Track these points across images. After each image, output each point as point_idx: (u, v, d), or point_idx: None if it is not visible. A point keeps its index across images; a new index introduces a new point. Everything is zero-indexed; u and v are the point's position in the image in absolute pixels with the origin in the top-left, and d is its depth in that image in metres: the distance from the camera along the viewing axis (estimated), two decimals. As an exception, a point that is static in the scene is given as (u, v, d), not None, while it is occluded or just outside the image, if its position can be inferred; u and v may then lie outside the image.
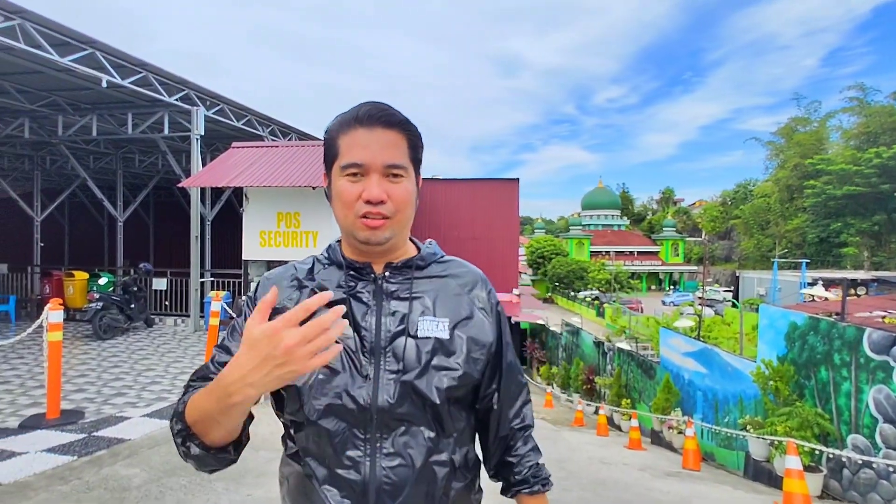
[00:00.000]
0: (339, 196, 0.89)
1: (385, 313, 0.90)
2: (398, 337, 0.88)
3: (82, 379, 5.91)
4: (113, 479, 3.42)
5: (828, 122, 40.58)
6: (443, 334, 0.90)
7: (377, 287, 0.92)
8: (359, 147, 0.87)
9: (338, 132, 0.90)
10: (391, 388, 0.86)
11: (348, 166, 0.87)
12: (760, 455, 6.87)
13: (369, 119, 0.87)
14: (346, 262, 0.94)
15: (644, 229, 63.08)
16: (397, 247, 0.94)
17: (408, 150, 0.90)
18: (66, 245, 18.79)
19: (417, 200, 0.95)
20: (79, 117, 9.73)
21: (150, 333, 9.07)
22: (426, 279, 0.95)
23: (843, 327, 6.05)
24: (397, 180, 0.89)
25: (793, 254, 36.79)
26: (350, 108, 0.91)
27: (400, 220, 0.90)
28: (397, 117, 0.89)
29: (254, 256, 8.47)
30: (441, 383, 0.87)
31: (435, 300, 0.93)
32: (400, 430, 0.86)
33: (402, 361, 0.87)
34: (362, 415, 0.85)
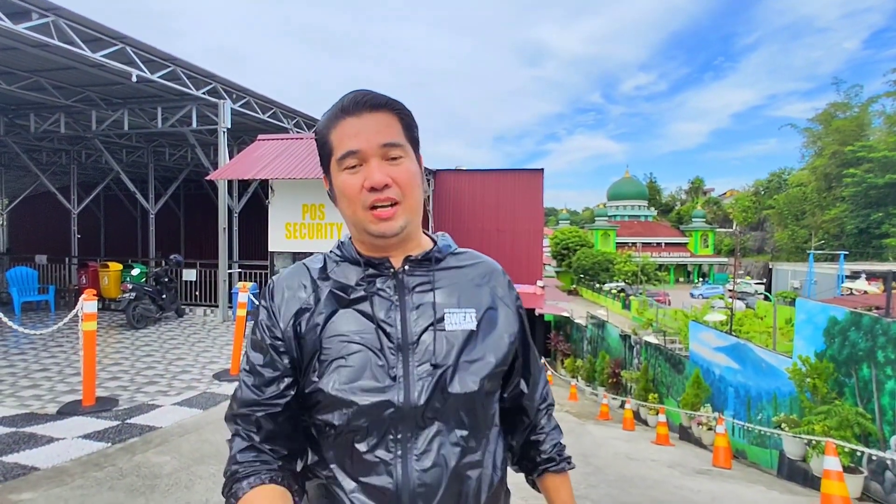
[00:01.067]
0: (341, 192, 0.86)
1: (409, 308, 0.86)
2: (426, 331, 0.85)
3: (116, 367, 6.09)
4: (145, 467, 3.50)
5: (870, 107, 38.74)
6: (471, 325, 0.87)
7: (398, 282, 0.88)
8: (350, 135, 0.84)
9: (327, 129, 0.87)
10: (423, 384, 0.82)
11: (344, 157, 0.84)
12: (796, 454, 6.63)
13: (355, 106, 0.84)
14: (364, 259, 0.89)
15: (672, 220, 61.58)
16: (412, 237, 0.91)
17: (402, 129, 0.87)
18: (102, 237, 19.44)
19: (425, 184, 0.90)
20: (111, 112, 9.97)
21: (180, 323, 9.30)
22: (446, 271, 0.92)
23: (888, 323, 5.76)
24: (398, 162, 0.85)
25: (830, 245, 35.43)
26: (333, 104, 0.88)
27: (410, 205, 0.86)
28: (382, 98, 0.86)
29: (279, 248, 8.57)
30: (475, 376, 0.85)
31: (459, 292, 0.90)
32: (432, 429, 0.82)
33: (433, 356, 0.83)
34: (393, 414, 0.81)
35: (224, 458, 1.59)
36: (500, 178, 16.04)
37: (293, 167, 8.19)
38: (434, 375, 0.82)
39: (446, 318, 0.86)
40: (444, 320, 0.86)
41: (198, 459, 3.72)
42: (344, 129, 0.84)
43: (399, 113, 0.87)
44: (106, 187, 15.76)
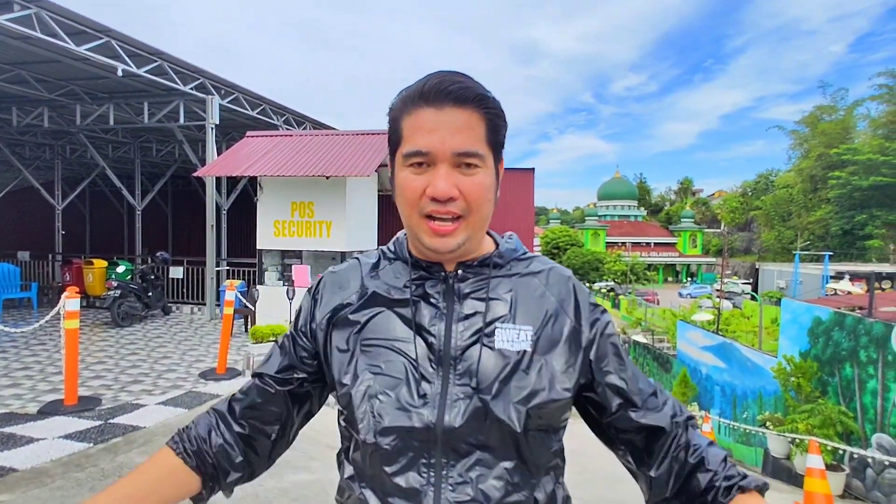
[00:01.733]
0: (401, 190, 0.76)
1: (456, 318, 0.77)
2: (471, 346, 0.75)
3: (100, 366, 6.00)
4: (128, 467, 3.45)
5: (855, 110, 39.45)
6: (525, 345, 0.75)
7: (447, 287, 0.79)
8: (424, 131, 0.72)
9: (400, 112, 0.76)
10: (461, 406, 0.72)
11: (411, 155, 0.74)
12: (780, 452, 6.73)
13: (437, 95, 0.72)
14: (413, 259, 0.81)
15: (661, 220, 62.15)
16: (471, 250, 0.80)
17: (486, 132, 0.74)
18: (87, 233, 19.15)
19: (497, 194, 0.79)
20: (96, 106, 9.81)
21: (166, 321, 9.19)
22: (505, 278, 0.81)
23: (871, 323, 5.86)
24: (471, 171, 0.74)
25: (815, 246, 35.97)
26: (417, 81, 0.75)
27: (475, 222, 0.75)
28: (472, 91, 0.73)
29: (268, 246, 8.49)
30: (521, 406, 0.72)
31: (515, 304, 0.78)
32: (472, 458, 0.72)
33: (475, 377, 0.73)
34: (425, 435, 0.72)
35: None
36: (491, 177, 16.03)
37: (282, 164, 8.11)
38: (473, 398, 0.72)
39: (497, 333, 0.76)
40: (493, 335, 0.76)
41: (182, 459, 3.68)
42: (418, 120, 0.73)
43: (488, 112, 0.74)
44: (91, 183, 15.51)
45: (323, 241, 8.25)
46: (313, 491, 3.46)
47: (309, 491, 3.45)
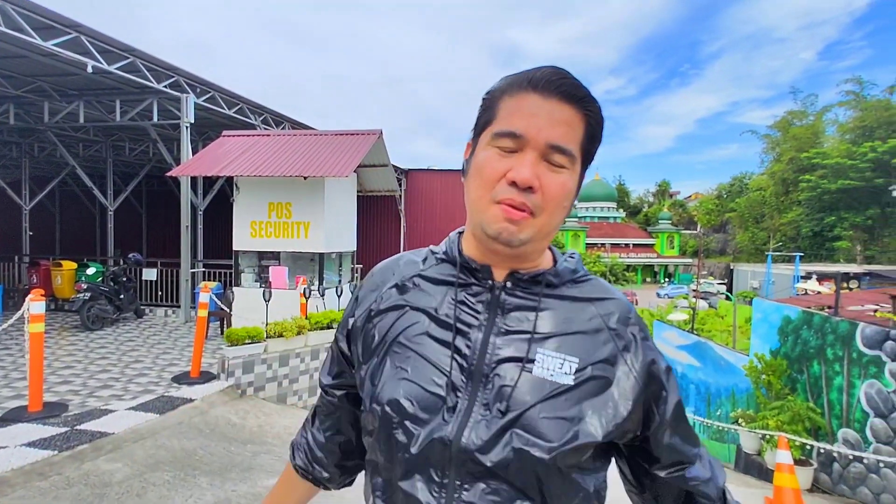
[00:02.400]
0: (479, 170, 0.71)
1: (496, 332, 0.71)
2: (507, 366, 0.69)
3: (68, 371, 5.83)
4: (94, 475, 3.35)
5: (824, 115, 40.64)
6: (567, 379, 0.68)
7: (493, 297, 0.74)
8: (523, 114, 0.68)
9: (502, 93, 0.71)
10: (482, 427, 0.67)
11: (502, 134, 0.69)
12: (751, 448, 6.89)
13: (547, 85, 0.68)
14: (462, 260, 0.76)
15: (640, 222, 63.12)
16: (530, 257, 0.75)
17: (583, 136, 0.71)
18: (57, 234, 18.59)
19: (575, 204, 0.74)
20: (65, 104, 9.53)
21: (139, 324, 8.98)
22: (557, 299, 0.74)
23: (837, 322, 6.04)
24: (558, 170, 0.69)
25: (787, 247, 36.97)
26: (525, 70, 0.72)
27: (545, 223, 0.70)
28: (581, 90, 0.69)
29: (244, 247, 8.36)
30: (548, 445, 0.65)
31: (564, 330, 0.72)
32: (488, 485, 0.66)
33: (505, 400, 0.67)
34: (440, 451, 0.67)
35: (181, 465, 1.58)
36: (472, 178, 16.06)
37: (259, 164, 8.00)
38: (499, 421, 0.67)
39: (538, 359, 0.69)
40: (533, 361, 0.69)
41: (152, 466, 3.59)
42: (521, 103, 0.69)
43: (591, 116, 0.71)
44: (62, 182, 15.06)
45: (301, 243, 8.15)
46: (287, 495, 3.41)
47: (283, 495, 3.40)
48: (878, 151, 32.03)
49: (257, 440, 4.57)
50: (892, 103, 35.04)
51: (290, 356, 6.19)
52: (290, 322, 6.29)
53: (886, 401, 5.28)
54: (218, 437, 4.40)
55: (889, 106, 34.75)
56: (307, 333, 6.47)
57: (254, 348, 5.83)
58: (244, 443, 4.42)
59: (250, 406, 5.36)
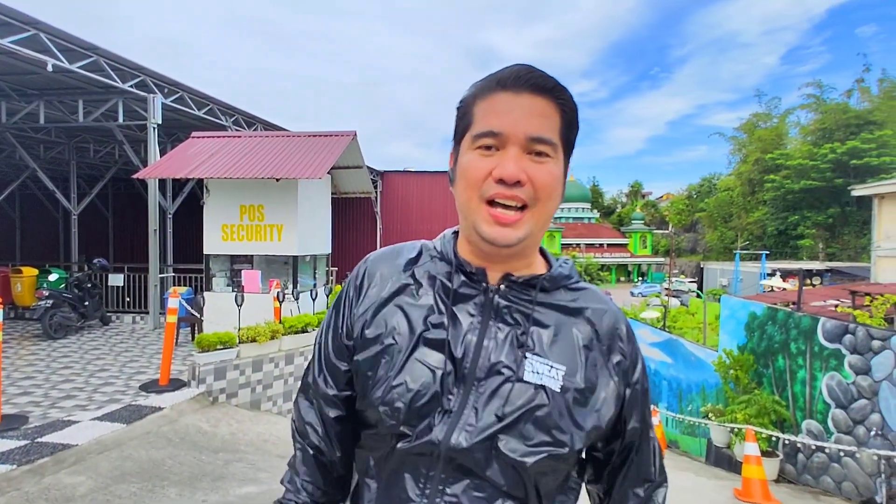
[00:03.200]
0: (463, 172, 0.72)
1: (490, 336, 0.72)
2: (498, 369, 0.71)
3: (28, 381, 5.59)
4: (55, 489, 3.23)
5: (787, 118, 42.16)
6: (553, 385, 0.70)
7: (486, 300, 0.74)
8: (499, 112, 0.70)
9: (474, 98, 0.73)
10: (472, 429, 0.69)
11: (482, 135, 0.70)
12: (721, 442, 7.08)
13: (516, 81, 0.70)
14: (457, 262, 0.76)
15: (613, 222, 64.25)
16: (525, 253, 0.76)
17: (560, 125, 0.72)
18: (18, 240, 17.84)
19: (563, 193, 0.75)
20: (24, 103, 9.16)
21: (105, 332, 8.68)
22: (550, 307, 0.76)
23: (799, 317, 6.26)
24: (542, 160, 0.70)
25: (754, 246, 38.17)
26: (492, 73, 0.73)
27: (540, 214, 0.72)
28: (550, 81, 0.70)
29: (215, 251, 8.18)
30: (532, 450, 0.68)
31: (555, 337, 0.73)
32: (472, 482, 0.69)
33: (495, 405, 0.70)
34: (429, 449, 0.69)
35: (148, 476, 1.50)
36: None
37: (230, 166, 7.84)
38: (490, 427, 0.68)
39: (527, 364, 0.71)
40: (523, 365, 0.71)
41: (117, 478, 3.47)
42: (493, 103, 0.70)
43: (564, 104, 0.72)
44: (22, 185, 14.47)
45: (274, 246, 8.03)
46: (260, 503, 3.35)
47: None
48: (838, 153, 33.36)
49: (229, 448, 4.47)
50: (850, 107, 36.58)
51: (264, 361, 6.09)
52: (263, 326, 6.18)
53: (846, 392, 5.50)
54: (188, 445, 4.29)
55: (847, 109, 36.26)
56: (281, 338, 6.36)
57: (226, 354, 5.71)
58: (216, 451, 4.32)
59: (222, 413, 5.24)
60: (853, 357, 5.44)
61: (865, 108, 36.23)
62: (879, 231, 18.64)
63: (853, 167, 33.04)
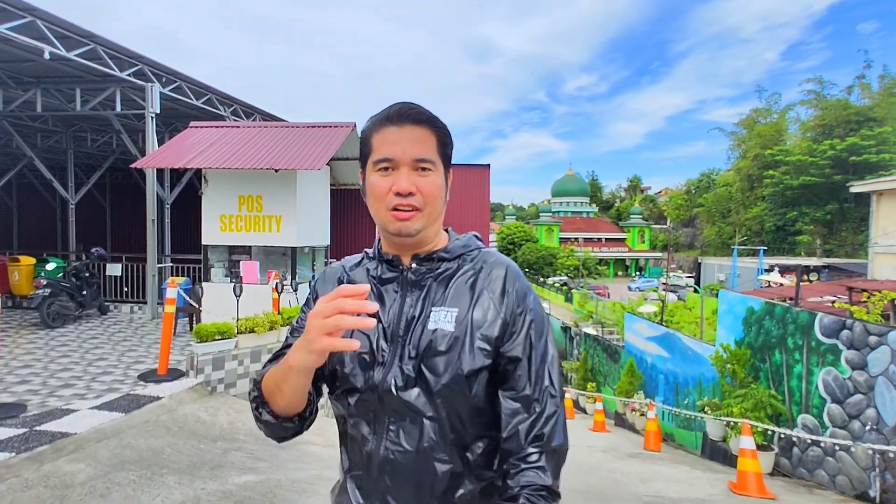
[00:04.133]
0: (371, 190, 0.95)
1: (408, 303, 0.95)
2: (412, 326, 0.93)
3: (26, 370, 5.59)
4: (55, 476, 3.24)
5: (787, 114, 42.03)
6: (448, 326, 0.91)
7: (403, 277, 0.98)
8: (389, 143, 0.93)
9: (371, 131, 0.96)
10: (398, 373, 0.90)
11: (380, 161, 0.93)
12: (717, 435, 7.12)
13: (399, 117, 0.93)
14: (381, 256, 1.02)
15: (612, 216, 64.26)
16: (427, 240, 0.99)
17: (436, 145, 0.95)
18: (15, 228, 17.75)
19: (447, 195, 1.00)
20: (21, 91, 9.08)
21: (103, 321, 8.68)
22: (450, 270, 0.98)
23: (797, 312, 6.28)
24: (426, 174, 0.94)
25: (752, 241, 38.20)
26: (382, 109, 0.96)
27: (429, 213, 0.95)
28: (425, 115, 0.94)
29: (214, 241, 8.16)
30: (443, 373, 0.89)
31: (448, 291, 0.96)
32: (407, 416, 0.90)
33: (412, 350, 0.91)
34: (372, 395, 0.91)
35: (147, 464, 1.50)
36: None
37: (229, 156, 7.80)
38: (410, 366, 0.90)
39: (432, 314, 0.93)
40: (429, 317, 0.93)
41: (116, 466, 3.48)
42: (385, 135, 0.93)
43: (437, 131, 0.95)
44: (20, 174, 14.39)
45: (272, 237, 8.01)
46: (259, 492, 3.36)
47: (254, 493, 3.35)
48: (837, 149, 33.32)
49: (228, 437, 4.49)
50: (850, 103, 36.48)
51: (262, 352, 6.09)
52: (261, 317, 6.18)
53: (842, 387, 5.53)
54: (187, 434, 4.30)
55: (847, 105, 36.16)
56: (279, 329, 6.36)
57: (224, 344, 5.71)
58: (214, 440, 4.33)
59: (220, 403, 5.25)
60: (850, 352, 5.46)
61: (866, 104, 36.13)
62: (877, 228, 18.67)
63: (852, 164, 33.01)
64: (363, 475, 0.93)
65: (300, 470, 3.97)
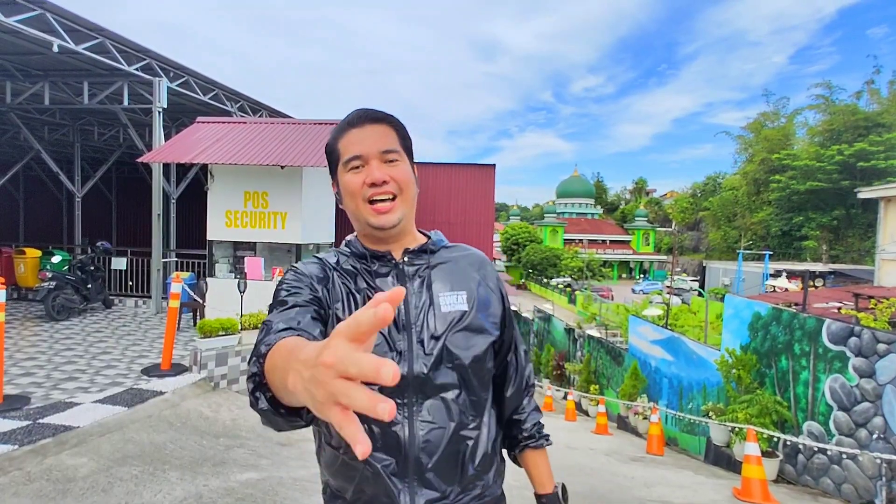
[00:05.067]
0: (346, 188, 1.00)
1: (411, 293, 0.99)
2: (423, 313, 0.98)
3: (31, 362, 5.60)
4: (57, 470, 3.23)
5: (795, 118, 41.75)
6: (463, 306, 1.00)
7: (399, 271, 1.02)
8: (355, 143, 0.99)
9: (335, 140, 1.02)
10: (425, 357, 0.95)
11: (349, 160, 0.99)
12: (721, 441, 7.07)
13: (358, 119, 1.00)
14: (369, 252, 1.04)
15: (617, 218, 64.05)
16: (407, 231, 1.05)
17: (398, 139, 1.02)
18: (21, 221, 17.85)
19: (417, 186, 1.06)
20: (29, 84, 9.11)
21: (108, 315, 8.70)
22: (440, 259, 1.06)
23: (804, 318, 6.22)
24: (395, 164, 1.00)
25: (757, 246, 38.01)
26: (344, 118, 1.03)
27: (406, 199, 1.01)
28: (381, 114, 1.01)
29: (219, 237, 8.16)
30: (468, 348, 0.98)
31: (452, 278, 1.04)
32: (436, 396, 0.95)
33: (434, 332, 0.97)
34: (401, 383, 0.92)
35: (150, 459, 1.48)
36: (453, 171, 16.04)
37: (235, 152, 7.80)
38: (434, 348, 0.95)
39: (441, 300, 1.00)
40: (440, 302, 0.99)
41: (119, 460, 3.47)
42: (349, 138, 1.00)
43: (395, 126, 1.03)
44: (27, 167, 14.44)
45: (277, 233, 8.00)
46: (261, 490, 3.35)
47: (256, 490, 3.33)
48: (845, 154, 33.09)
49: (231, 434, 4.48)
50: (859, 108, 36.19)
51: (266, 348, 6.08)
52: (265, 314, 6.16)
53: (849, 395, 5.47)
54: (189, 430, 4.29)
55: (856, 111, 35.88)
56: (283, 325, 6.34)
57: (228, 340, 5.70)
58: (217, 436, 4.33)
59: (223, 399, 5.24)
60: (858, 360, 5.41)
61: (874, 110, 35.87)
62: (885, 234, 18.53)
63: (860, 169, 32.77)
64: (394, 462, 0.93)
65: (302, 468, 3.95)
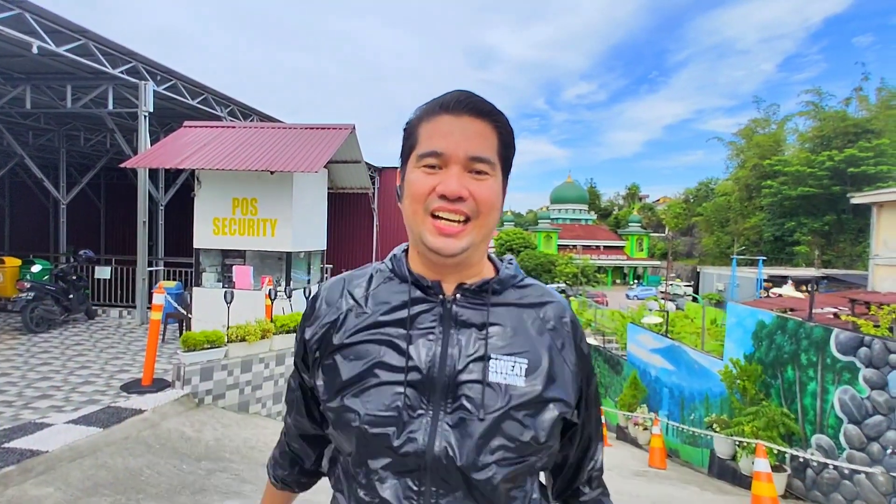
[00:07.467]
0: (409, 187, 0.77)
1: (453, 344, 0.75)
2: (466, 375, 0.73)
3: (3, 378, 5.29)
4: (18, 502, 2.95)
5: (786, 124, 42.12)
6: (518, 381, 0.74)
7: (445, 311, 0.78)
8: (440, 135, 0.75)
9: (419, 120, 0.78)
10: (450, 436, 0.71)
11: (425, 155, 0.75)
12: (726, 453, 6.87)
13: (456, 105, 0.75)
14: (413, 278, 0.80)
15: (610, 224, 64.22)
16: (472, 262, 0.80)
17: (497, 144, 0.77)
18: (6, 229, 17.43)
19: (503, 208, 0.80)
20: (10, 87, 8.81)
21: (90, 326, 8.37)
22: (503, 307, 0.79)
23: (811, 327, 6.05)
24: (481, 177, 0.75)
25: (750, 251, 38.14)
26: (436, 97, 0.79)
27: (482, 227, 0.76)
28: (487, 105, 0.76)
29: (206, 245, 7.89)
30: (522, 440, 0.72)
31: (512, 333, 0.77)
32: (460, 490, 0.71)
33: (476, 408, 0.72)
34: (415, 462, 0.71)
35: (123, 487, 1.73)
36: (447, 177, 15.88)
37: (223, 157, 7.55)
38: (465, 429, 0.71)
39: (492, 364, 0.74)
40: (489, 367, 0.74)
41: (88, 490, 3.20)
42: (437, 125, 0.76)
43: (499, 128, 0.77)
44: (11, 173, 14.09)
45: (267, 241, 7.74)
46: (244, 521, 3.08)
47: (239, 521, 3.07)
48: (835, 160, 33.32)
49: (213, 456, 4.20)
50: (848, 115, 36.55)
51: (254, 361, 5.81)
52: (253, 325, 5.90)
53: (860, 407, 5.29)
54: (168, 453, 4.02)
55: (845, 117, 36.22)
56: (272, 337, 6.09)
57: (213, 353, 5.43)
58: (198, 459, 4.05)
59: (208, 416, 4.97)
60: (868, 371, 5.23)
61: (864, 116, 36.19)
62: (878, 240, 18.50)
63: (850, 175, 32.99)
64: None
65: (290, 493, 3.69)
